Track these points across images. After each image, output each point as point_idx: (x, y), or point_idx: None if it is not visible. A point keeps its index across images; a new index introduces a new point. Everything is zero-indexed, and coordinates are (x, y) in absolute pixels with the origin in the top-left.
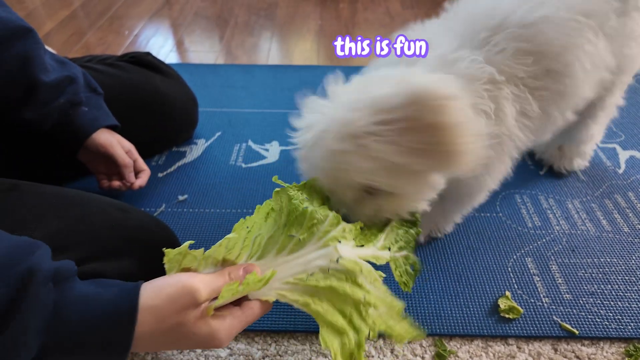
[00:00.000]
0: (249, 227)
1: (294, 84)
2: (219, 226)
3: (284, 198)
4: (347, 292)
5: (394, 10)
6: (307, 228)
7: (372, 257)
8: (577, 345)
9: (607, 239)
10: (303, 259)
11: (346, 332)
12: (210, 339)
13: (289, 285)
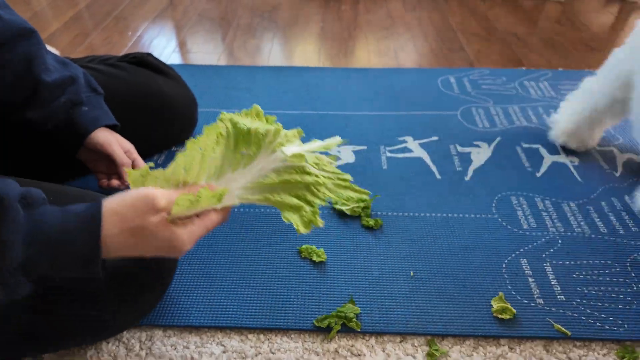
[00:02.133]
0: (202, 149)
1: (295, 85)
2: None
3: (228, 124)
4: (298, 180)
5: (396, 13)
6: (255, 143)
7: (321, 148)
8: (569, 346)
9: (602, 240)
10: (257, 167)
11: (302, 207)
12: (171, 242)
13: (248, 190)
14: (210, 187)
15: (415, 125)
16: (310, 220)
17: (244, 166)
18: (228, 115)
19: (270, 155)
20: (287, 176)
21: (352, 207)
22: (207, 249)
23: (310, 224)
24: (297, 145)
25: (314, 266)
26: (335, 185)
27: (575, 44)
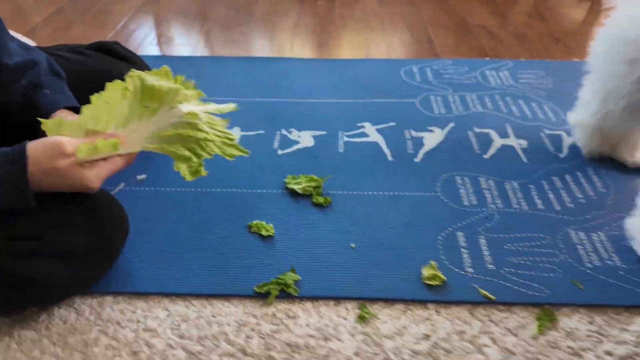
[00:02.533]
0: (108, 102)
1: (264, 75)
2: (175, 204)
3: (136, 80)
4: (190, 135)
5: (370, 8)
6: (158, 99)
7: (214, 110)
8: (492, 310)
9: (538, 216)
10: (158, 120)
11: (191, 159)
12: (81, 181)
13: (149, 139)
14: (116, 135)
15: (375, 112)
16: (197, 170)
17: (148, 118)
18: (137, 73)
19: (170, 111)
20: (182, 130)
21: (304, 186)
22: (162, 224)
23: (197, 174)
24: (195, 105)
25: (261, 240)
26: (222, 143)
27: (541, 36)
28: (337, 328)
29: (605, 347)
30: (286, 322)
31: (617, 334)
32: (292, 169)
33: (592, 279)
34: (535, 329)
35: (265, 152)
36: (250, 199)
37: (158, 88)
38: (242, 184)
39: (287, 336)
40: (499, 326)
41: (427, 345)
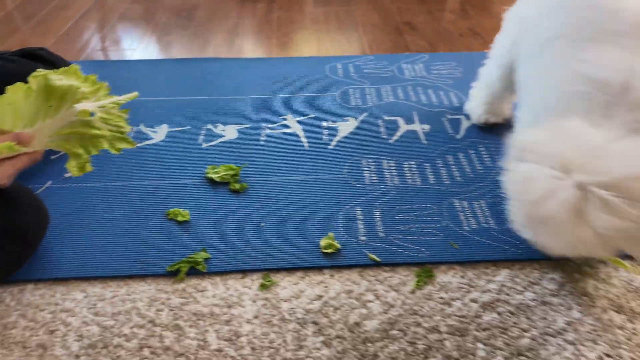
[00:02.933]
0: (10, 103)
1: (194, 75)
2: (99, 198)
3: (41, 80)
4: (83, 132)
5: (307, 9)
6: (60, 98)
7: (114, 102)
8: (379, 271)
9: (428, 190)
10: (59, 119)
11: (82, 155)
12: None
13: (51, 138)
14: (22, 134)
15: (297, 106)
16: (83, 167)
17: (52, 117)
18: (43, 72)
19: (69, 109)
20: (77, 128)
21: (222, 175)
22: (85, 216)
23: (83, 170)
24: (92, 102)
25: (177, 225)
26: (114, 138)
27: (462, 31)
28: (240, 296)
29: (472, 296)
30: (195, 295)
31: (484, 284)
32: (214, 161)
33: (468, 240)
34: (414, 284)
35: (189, 146)
36: (172, 189)
37: (59, 87)
38: (165, 177)
39: (194, 307)
40: (383, 284)
41: (318, 304)
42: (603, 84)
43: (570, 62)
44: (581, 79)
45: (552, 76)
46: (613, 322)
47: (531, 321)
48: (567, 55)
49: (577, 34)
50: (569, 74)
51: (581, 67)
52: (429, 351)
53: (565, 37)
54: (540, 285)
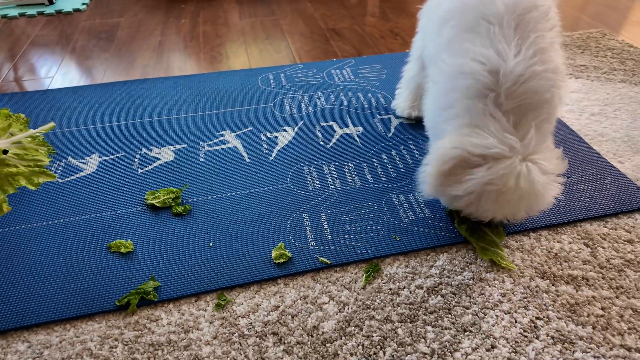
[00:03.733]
0: None
1: (121, 98)
2: (31, 241)
3: None
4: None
5: (232, 21)
6: None
7: (30, 135)
8: (330, 272)
9: (368, 188)
10: None
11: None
12: None
13: None
14: None
15: (234, 120)
16: (0, 207)
17: None
18: None
19: None
20: None
21: (162, 199)
22: (18, 262)
23: (1, 210)
24: (4, 139)
25: (121, 257)
26: (32, 173)
27: (383, 33)
28: (196, 320)
29: (417, 282)
30: (149, 325)
31: (426, 270)
32: (152, 186)
33: (408, 231)
34: (364, 280)
35: (125, 174)
36: (111, 221)
37: None
38: (102, 209)
39: (149, 338)
40: (336, 285)
41: (276, 315)
42: (481, 76)
43: (455, 53)
44: (463, 72)
45: (441, 69)
46: (539, 287)
47: (471, 298)
48: (454, 45)
49: (462, 22)
50: (455, 66)
51: (462, 59)
52: (384, 341)
53: (453, 25)
54: (475, 264)
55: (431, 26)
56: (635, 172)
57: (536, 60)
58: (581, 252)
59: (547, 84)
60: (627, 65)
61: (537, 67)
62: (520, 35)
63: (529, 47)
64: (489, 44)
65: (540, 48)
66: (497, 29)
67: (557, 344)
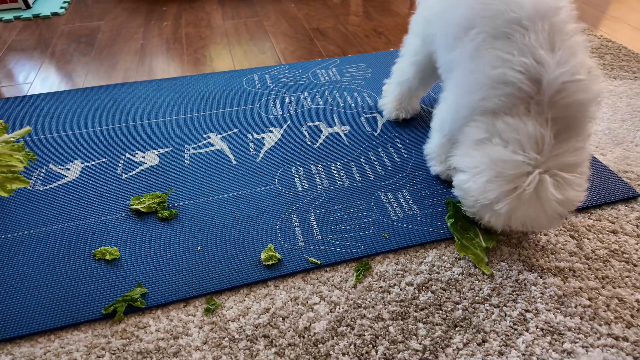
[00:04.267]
0: None
1: (103, 103)
2: (14, 251)
3: None
4: None
5: (215, 23)
6: None
7: (5, 140)
8: (320, 272)
9: (356, 187)
10: None
11: None
12: None
13: None
14: None
15: (219, 122)
16: None
17: None
18: None
19: None
20: None
21: (148, 204)
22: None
23: None
24: None
25: (107, 264)
26: (5, 179)
27: (367, 32)
28: (186, 325)
29: (407, 279)
30: (136, 333)
31: (416, 267)
32: (137, 191)
33: (397, 228)
34: (354, 279)
35: (108, 179)
36: (95, 228)
37: None
38: (86, 216)
39: (137, 345)
40: (327, 284)
41: (266, 317)
42: (519, 83)
43: (483, 60)
44: (504, 82)
45: (476, 79)
46: (528, 280)
47: (461, 293)
48: (483, 53)
49: (489, 29)
50: (485, 73)
51: (494, 66)
52: (376, 340)
53: (478, 32)
54: (464, 259)
55: (441, 34)
56: (617, 164)
57: (576, 67)
58: (567, 244)
59: (590, 96)
60: (606, 60)
61: (580, 75)
62: (556, 41)
63: (566, 52)
64: (527, 51)
65: (574, 52)
66: (532, 35)
67: (546, 335)
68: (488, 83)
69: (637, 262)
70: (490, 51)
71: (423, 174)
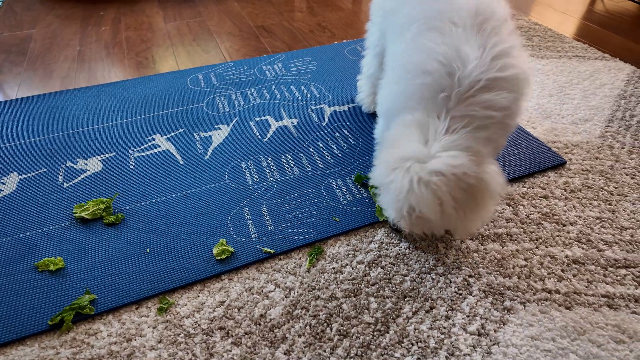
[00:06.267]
0: None
1: (39, 113)
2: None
3: None
4: None
5: (156, 26)
6: None
7: None
8: (274, 261)
9: (307, 177)
10: None
11: None
12: None
13: None
14: None
15: (164, 123)
16: None
17: None
18: None
19: None
20: None
21: (92, 211)
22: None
23: None
24: None
25: (51, 275)
26: None
27: (312, 27)
28: (139, 327)
29: (358, 258)
30: (87, 340)
31: (366, 246)
32: (80, 198)
33: (347, 212)
34: (308, 263)
35: (49, 189)
36: (37, 240)
37: None
38: (26, 229)
39: (89, 352)
40: (281, 272)
41: (222, 310)
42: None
43: (413, 48)
44: (421, 69)
45: (402, 65)
46: (470, 248)
47: (409, 266)
48: (414, 41)
49: (426, 21)
50: (411, 61)
51: (419, 52)
52: (331, 318)
53: (417, 26)
54: (411, 235)
55: (391, 29)
56: (546, 135)
57: (497, 68)
58: (504, 211)
59: (503, 101)
60: (534, 42)
61: (498, 73)
62: (487, 41)
63: (492, 52)
64: (452, 45)
65: (501, 54)
66: (461, 30)
67: (488, 296)
68: (413, 71)
69: (566, 222)
70: (420, 40)
71: (370, 158)
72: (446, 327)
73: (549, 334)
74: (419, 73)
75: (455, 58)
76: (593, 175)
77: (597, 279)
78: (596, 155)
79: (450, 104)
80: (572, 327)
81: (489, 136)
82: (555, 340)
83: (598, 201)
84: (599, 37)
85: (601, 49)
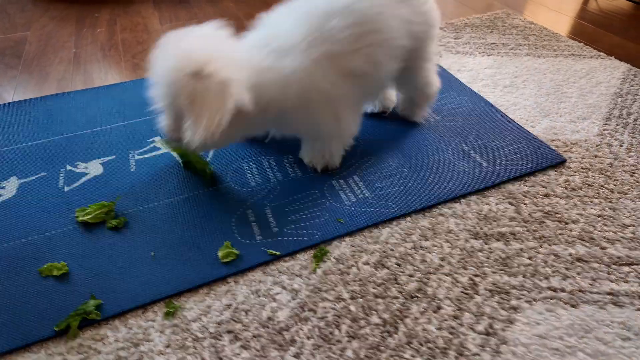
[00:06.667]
0: None
1: (36, 115)
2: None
3: None
4: None
5: (152, 27)
6: None
7: None
8: (280, 263)
9: (309, 177)
10: None
11: None
12: None
13: None
14: None
15: None
16: None
17: None
18: None
19: None
20: None
21: (94, 215)
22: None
23: None
24: None
25: (56, 280)
26: None
27: None
28: (146, 331)
29: (364, 259)
30: (94, 346)
31: (371, 246)
32: (82, 202)
33: (351, 212)
34: (313, 265)
35: (49, 194)
36: (39, 245)
37: None
38: (27, 234)
39: (96, 359)
40: (287, 274)
41: (229, 313)
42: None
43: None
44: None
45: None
46: (474, 247)
47: (414, 266)
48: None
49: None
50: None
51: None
52: (339, 319)
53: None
54: (415, 234)
55: None
56: (545, 133)
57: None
58: (507, 210)
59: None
60: (530, 41)
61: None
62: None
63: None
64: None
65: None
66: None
67: (494, 295)
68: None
69: (568, 220)
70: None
71: (371, 159)
72: (454, 327)
73: (556, 332)
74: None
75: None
76: (593, 173)
77: (601, 276)
78: (595, 154)
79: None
80: (578, 325)
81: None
82: (562, 339)
83: (599, 199)
84: (594, 35)
85: (596, 47)
